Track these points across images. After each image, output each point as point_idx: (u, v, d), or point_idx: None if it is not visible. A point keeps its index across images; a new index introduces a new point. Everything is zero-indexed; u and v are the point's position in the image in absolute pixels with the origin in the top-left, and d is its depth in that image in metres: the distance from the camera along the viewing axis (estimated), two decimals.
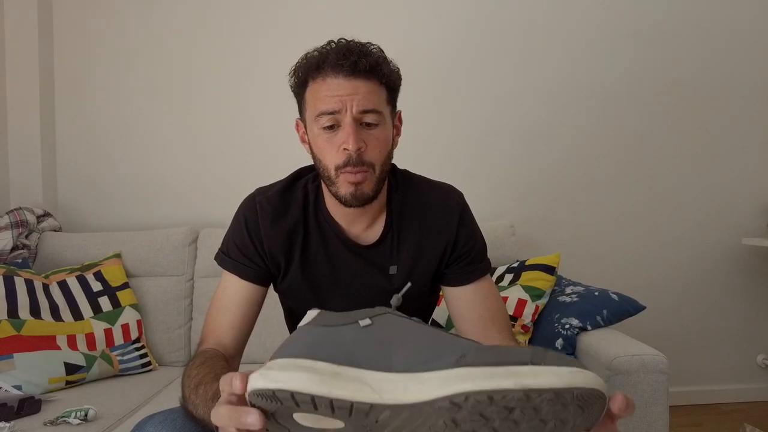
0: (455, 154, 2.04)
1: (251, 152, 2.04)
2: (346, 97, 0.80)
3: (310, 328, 0.50)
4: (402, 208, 0.93)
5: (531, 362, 0.43)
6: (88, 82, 2.02)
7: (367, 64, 0.80)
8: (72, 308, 1.57)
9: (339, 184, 0.83)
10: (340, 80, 0.80)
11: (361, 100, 0.80)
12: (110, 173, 2.03)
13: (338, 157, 0.81)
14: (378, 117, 0.82)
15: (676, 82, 2.18)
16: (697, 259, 2.21)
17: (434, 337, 0.48)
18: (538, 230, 2.11)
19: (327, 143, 0.82)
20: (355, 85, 0.80)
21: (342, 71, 0.80)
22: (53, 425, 1.18)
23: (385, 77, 0.84)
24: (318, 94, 0.82)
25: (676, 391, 2.12)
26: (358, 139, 0.80)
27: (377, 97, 0.83)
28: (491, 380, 0.42)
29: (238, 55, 2.04)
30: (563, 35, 2.13)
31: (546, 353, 0.44)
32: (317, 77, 0.82)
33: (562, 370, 0.42)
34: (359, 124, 0.81)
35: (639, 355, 1.28)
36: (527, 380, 0.42)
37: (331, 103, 0.80)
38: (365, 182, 0.82)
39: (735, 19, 2.19)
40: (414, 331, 0.49)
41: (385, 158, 0.85)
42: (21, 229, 1.73)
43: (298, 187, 0.94)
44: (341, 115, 0.80)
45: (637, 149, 2.18)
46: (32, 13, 1.92)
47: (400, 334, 0.48)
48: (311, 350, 0.47)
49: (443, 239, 0.92)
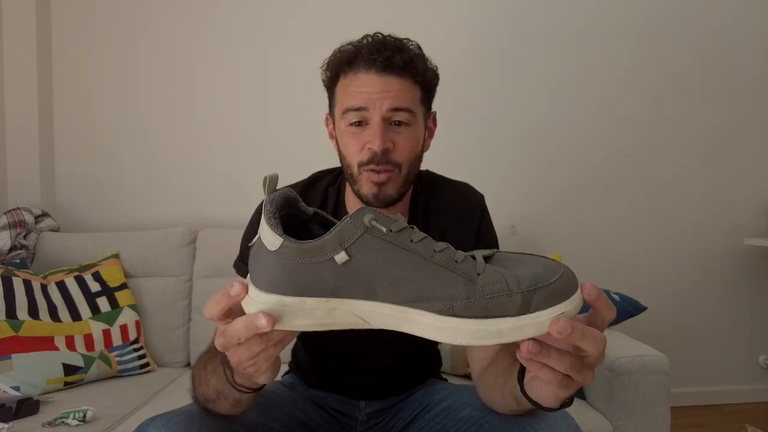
0: (456, 154, 2.03)
1: (250, 152, 2.04)
2: (376, 95, 0.77)
3: (278, 259, 0.46)
4: (425, 211, 0.91)
5: (518, 313, 0.45)
6: (86, 81, 2.01)
7: (401, 61, 0.77)
8: (70, 309, 1.57)
9: (361, 182, 0.81)
10: (371, 76, 0.78)
11: (393, 99, 0.77)
12: (108, 173, 2.02)
13: (363, 154, 0.79)
14: (409, 116, 0.80)
15: (677, 82, 2.17)
16: (698, 260, 2.21)
17: (420, 271, 0.46)
18: (539, 230, 2.11)
19: (352, 139, 0.80)
20: (387, 81, 0.77)
21: (374, 66, 0.77)
22: (51, 426, 1.17)
23: (420, 75, 0.81)
24: (347, 90, 0.80)
25: (678, 392, 2.11)
26: (386, 138, 0.78)
27: (410, 95, 0.80)
28: (478, 339, 0.45)
29: (238, 55, 2.04)
30: (563, 35, 2.12)
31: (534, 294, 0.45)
32: (348, 72, 0.80)
33: (544, 317, 0.44)
34: (388, 123, 0.79)
35: (640, 356, 1.28)
36: (511, 338, 0.45)
37: (359, 99, 0.78)
38: (389, 183, 0.80)
39: (735, 19, 2.18)
40: (398, 264, 0.46)
41: (413, 159, 0.83)
42: (19, 230, 1.72)
43: (317, 189, 0.93)
44: (369, 113, 0.78)
45: (638, 149, 2.17)
46: (30, 12, 1.91)
47: (383, 267, 0.46)
48: (294, 287, 0.46)
49: (465, 242, 0.91)
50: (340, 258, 0.45)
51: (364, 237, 0.46)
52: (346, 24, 2.09)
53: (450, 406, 0.84)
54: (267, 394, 0.86)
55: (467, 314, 0.45)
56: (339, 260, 0.46)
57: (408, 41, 0.81)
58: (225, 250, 1.72)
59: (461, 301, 0.45)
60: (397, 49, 0.78)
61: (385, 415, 0.95)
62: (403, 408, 0.94)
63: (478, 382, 0.79)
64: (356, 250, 0.46)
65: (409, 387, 0.97)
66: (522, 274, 0.46)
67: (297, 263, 0.46)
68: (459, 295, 0.45)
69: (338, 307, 0.47)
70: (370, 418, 0.95)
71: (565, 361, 0.47)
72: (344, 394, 0.95)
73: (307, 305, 0.46)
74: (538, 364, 0.48)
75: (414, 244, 0.47)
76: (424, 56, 0.82)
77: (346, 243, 0.46)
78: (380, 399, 0.96)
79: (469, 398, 0.81)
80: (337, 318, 0.47)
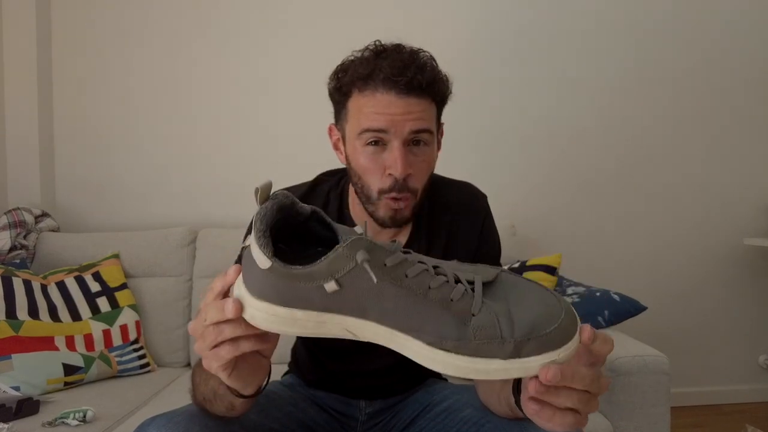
0: (456, 154, 2.03)
1: (250, 152, 2.04)
2: (398, 117, 0.74)
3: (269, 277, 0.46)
4: (429, 214, 0.91)
5: (507, 357, 0.44)
6: (86, 81, 2.01)
7: (424, 82, 0.74)
8: (70, 309, 1.57)
9: (380, 206, 0.80)
10: (391, 97, 0.74)
11: (414, 121, 0.74)
12: (108, 173, 2.02)
13: (383, 181, 0.77)
14: (429, 137, 0.78)
15: (677, 82, 2.17)
16: (698, 260, 2.21)
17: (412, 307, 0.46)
18: (540, 231, 2.11)
19: (370, 162, 0.77)
20: (407, 103, 0.74)
21: (395, 88, 0.73)
22: (51, 426, 1.18)
23: (440, 95, 0.78)
24: (364, 109, 0.75)
25: (678, 392, 2.11)
26: (407, 165, 0.75)
27: (429, 115, 0.77)
28: (464, 374, 0.45)
29: (238, 56, 2.04)
30: (564, 36, 2.12)
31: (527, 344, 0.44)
32: (365, 89, 0.75)
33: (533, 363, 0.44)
34: (407, 145, 0.76)
35: (640, 356, 1.28)
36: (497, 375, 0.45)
37: (379, 121, 0.74)
38: (407, 207, 0.80)
39: (735, 20, 2.18)
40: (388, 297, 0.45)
41: (428, 181, 0.82)
42: (19, 230, 1.72)
43: (320, 194, 0.92)
44: (389, 135, 0.75)
45: (638, 149, 2.17)
46: (30, 13, 1.91)
47: (374, 300, 0.45)
48: (284, 300, 0.46)
49: (469, 243, 0.91)
50: (330, 287, 0.45)
51: (356, 270, 0.45)
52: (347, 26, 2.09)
53: (450, 406, 0.84)
54: (267, 394, 0.85)
55: (456, 352, 0.45)
56: (329, 289, 0.45)
57: (423, 53, 0.78)
58: (225, 250, 1.72)
59: (451, 341, 0.45)
60: (419, 69, 0.74)
61: (386, 415, 0.95)
62: (403, 408, 0.94)
63: (477, 383, 0.79)
64: (347, 281, 0.45)
65: (410, 387, 0.97)
66: (519, 317, 0.45)
67: (285, 284, 0.46)
68: (450, 336, 0.45)
69: (328, 321, 0.47)
70: (370, 418, 0.95)
71: (573, 397, 0.46)
72: (344, 394, 0.95)
73: (297, 317, 0.46)
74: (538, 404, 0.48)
75: (409, 280, 0.45)
76: (440, 71, 0.79)
77: (337, 274, 0.45)
78: (380, 399, 0.95)
79: (469, 398, 0.81)
80: (327, 329, 0.47)
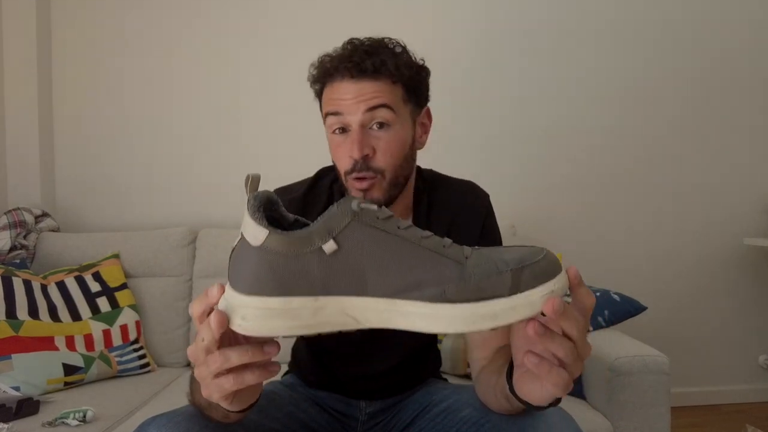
0: (457, 154, 2.04)
1: (250, 152, 2.04)
2: (351, 101, 0.78)
3: (262, 255, 0.45)
4: (429, 210, 0.91)
5: (509, 293, 0.45)
6: (85, 82, 2.01)
7: (372, 64, 0.77)
8: (70, 309, 1.57)
9: (350, 190, 0.82)
10: (344, 83, 0.78)
11: (367, 101, 0.77)
12: (108, 173, 2.02)
13: (347, 162, 0.80)
14: (390, 115, 0.79)
15: (676, 84, 2.18)
16: (698, 260, 2.21)
17: (410, 256, 0.46)
18: (540, 231, 2.11)
19: (338, 148, 0.81)
20: (360, 86, 0.78)
21: (347, 74, 0.78)
22: (51, 426, 1.18)
23: (397, 74, 0.80)
24: (326, 98, 0.82)
25: (678, 392, 2.11)
26: (363, 145, 0.78)
27: (389, 94, 0.79)
28: (472, 324, 0.45)
29: (238, 56, 2.04)
30: (565, 36, 2.12)
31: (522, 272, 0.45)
32: (327, 83, 0.82)
33: (536, 296, 0.45)
34: (369, 128, 0.79)
35: (640, 356, 1.28)
36: (505, 319, 0.45)
37: (335, 105, 0.79)
38: (374, 189, 0.80)
39: (736, 20, 2.19)
40: (387, 250, 0.45)
41: (399, 162, 0.82)
42: (19, 230, 1.72)
43: (322, 187, 0.92)
44: (348, 118, 0.78)
45: (638, 149, 2.17)
46: (30, 13, 1.91)
47: (373, 257, 0.45)
48: (280, 285, 0.45)
49: (469, 241, 0.90)
50: (329, 247, 0.44)
51: (352, 224, 0.45)
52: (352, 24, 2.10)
53: (450, 406, 0.84)
54: (267, 394, 0.85)
55: (460, 298, 0.45)
56: (327, 249, 0.44)
57: (386, 41, 0.81)
58: (225, 250, 1.72)
59: (453, 284, 0.45)
60: (367, 54, 0.78)
61: (386, 415, 0.95)
62: (403, 408, 0.94)
63: (476, 382, 0.79)
64: (345, 239, 0.45)
65: (410, 387, 0.97)
66: (507, 257, 0.46)
67: (283, 257, 0.45)
68: (451, 277, 0.45)
69: (326, 306, 0.45)
70: (370, 418, 0.95)
71: (566, 345, 0.48)
72: (344, 394, 0.95)
73: (293, 305, 0.45)
74: (537, 357, 0.49)
75: (402, 231, 0.46)
76: (402, 54, 0.81)
77: (334, 231, 0.45)
78: (381, 399, 0.95)
79: (469, 398, 0.81)
80: (324, 317, 0.46)
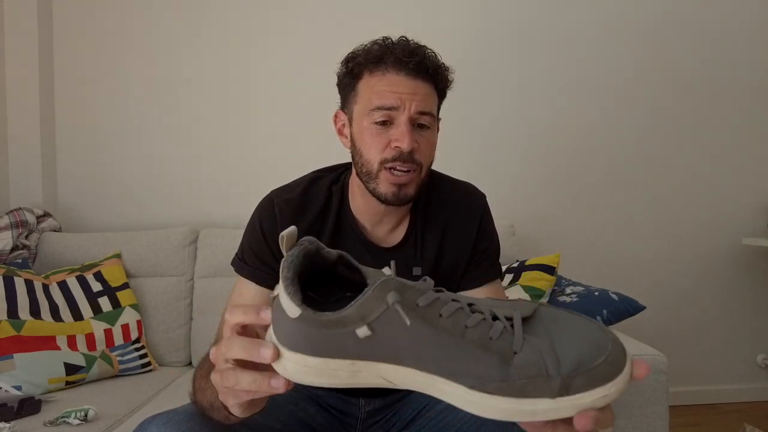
0: (457, 154, 2.04)
1: (251, 153, 2.04)
2: (406, 96, 0.79)
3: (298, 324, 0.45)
4: (426, 208, 0.93)
5: (556, 395, 0.41)
6: (87, 82, 2.02)
7: (430, 67, 0.81)
8: (72, 308, 1.57)
9: (380, 180, 0.82)
10: (401, 78, 0.80)
11: (420, 101, 0.80)
12: (110, 173, 2.02)
13: (387, 152, 0.81)
14: (431, 120, 0.83)
15: (675, 84, 2.18)
16: (697, 259, 2.21)
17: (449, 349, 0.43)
18: (538, 230, 2.11)
19: (375, 138, 0.82)
20: (415, 85, 0.80)
21: (404, 69, 0.80)
22: (53, 425, 1.18)
23: (442, 83, 0.85)
24: (375, 88, 0.81)
25: (676, 391, 2.12)
26: (413, 139, 0.80)
27: (432, 100, 0.83)
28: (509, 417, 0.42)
29: (239, 56, 2.04)
30: (565, 37, 2.13)
31: (575, 379, 0.41)
32: (376, 71, 0.82)
33: (585, 401, 0.41)
34: (413, 125, 0.81)
35: (639, 355, 1.29)
36: (544, 416, 0.42)
37: (390, 98, 0.80)
38: (410, 184, 0.82)
39: (736, 20, 2.19)
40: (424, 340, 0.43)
41: (430, 163, 0.86)
42: (21, 230, 1.73)
43: (320, 188, 0.92)
44: (397, 113, 0.80)
45: (637, 149, 2.18)
46: (32, 14, 1.92)
47: (409, 344, 0.43)
48: (317, 350, 0.45)
49: (465, 240, 0.92)
50: (362, 332, 0.43)
51: (388, 312, 0.43)
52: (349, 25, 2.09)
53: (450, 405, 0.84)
54: None
55: (500, 394, 0.42)
56: (361, 334, 0.43)
57: (427, 47, 0.84)
58: (226, 250, 1.73)
59: (494, 383, 0.42)
60: (425, 55, 0.81)
61: (385, 413, 0.96)
62: (403, 406, 0.95)
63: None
64: (379, 326, 0.43)
65: None
66: (564, 352, 0.42)
67: (317, 332, 0.44)
68: (492, 377, 0.42)
69: (363, 369, 0.45)
70: (370, 416, 0.96)
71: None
72: (344, 392, 0.96)
73: (331, 366, 0.44)
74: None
75: (443, 320, 0.43)
76: (447, 68, 0.85)
77: (368, 318, 0.43)
78: (380, 397, 0.96)
79: None
80: (361, 379, 0.45)
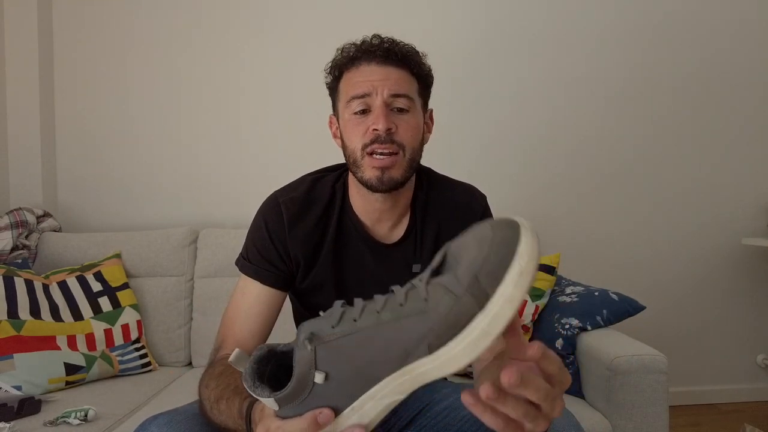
0: (457, 154, 2.04)
1: (251, 153, 2.04)
2: (378, 82, 0.82)
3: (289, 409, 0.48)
4: (425, 207, 0.93)
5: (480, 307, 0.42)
6: (87, 83, 2.02)
7: (399, 53, 0.84)
8: (72, 308, 1.57)
9: (364, 166, 0.83)
10: (372, 67, 0.83)
11: (393, 85, 0.82)
12: (110, 173, 2.02)
13: (366, 136, 0.82)
14: (409, 102, 0.84)
15: (675, 84, 2.18)
16: (696, 260, 2.22)
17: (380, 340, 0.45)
18: (538, 230, 2.08)
19: (356, 127, 0.84)
20: (387, 71, 0.83)
21: (375, 58, 0.83)
22: (53, 425, 1.18)
23: (417, 67, 0.86)
24: (351, 81, 0.85)
25: (676, 391, 2.12)
26: (388, 120, 0.82)
27: (408, 84, 0.85)
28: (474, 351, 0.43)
29: (238, 56, 2.04)
30: (565, 37, 2.13)
31: (478, 283, 0.43)
32: (351, 67, 0.85)
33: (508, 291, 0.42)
34: (390, 109, 0.83)
35: (639, 355, 1.29)
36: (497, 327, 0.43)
37: (362, 87, 0.82)
38: (393, 167, 0.82)
39: (736, 20, 2.19)
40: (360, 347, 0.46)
41: (416, 145, 0.86)
42: (21, 230, 1.73)
43: (324, 186, 0.93)
44: (372, 99, 0.82)
45: (637, 150, 2.18)
46: (32, 14, 1.92)
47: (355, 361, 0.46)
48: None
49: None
50: (320, 379, 0.46)
51: (318, 351, 0.46)
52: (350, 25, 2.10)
53: (451, 405, 0.84)
54: None
55: (446, 340, 0.43)
56: (320, 380, 0.46)
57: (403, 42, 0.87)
58: (226, 250, 1.73)
59: (431, 335, 0.44)
60: (395, 43, 0.85)
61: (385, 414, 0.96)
62: (403, 406, 0.94)
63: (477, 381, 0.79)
64: (323, 365, 0.46)
65: None
66: (461, 267, 0.44)
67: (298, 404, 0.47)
68: (424, 333, 0.44)
69: (363, 405, 0.47)
70: None
71: (520, 408, 0.45)
72: None
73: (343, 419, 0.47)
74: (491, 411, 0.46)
75: (359, 322, 0.46)
76: (419, 54, 0.88)
77: (311, 367, 0.46)
78: None
79: None
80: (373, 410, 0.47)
